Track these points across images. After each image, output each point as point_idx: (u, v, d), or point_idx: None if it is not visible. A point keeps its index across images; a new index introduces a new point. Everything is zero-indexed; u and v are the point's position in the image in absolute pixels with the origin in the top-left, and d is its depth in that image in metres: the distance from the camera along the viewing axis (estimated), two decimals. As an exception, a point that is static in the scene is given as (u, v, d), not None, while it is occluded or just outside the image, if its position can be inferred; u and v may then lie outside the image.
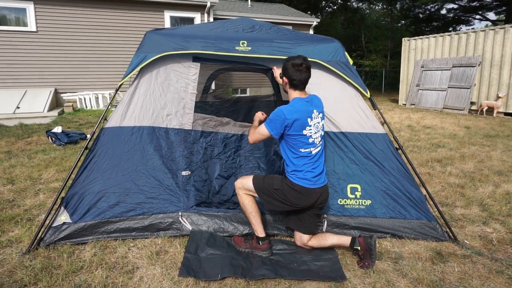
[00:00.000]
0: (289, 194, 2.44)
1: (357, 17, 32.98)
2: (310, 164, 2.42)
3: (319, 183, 2.45)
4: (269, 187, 2.49)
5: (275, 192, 2.47)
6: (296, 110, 2.33)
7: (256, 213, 2.54)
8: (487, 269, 2.39)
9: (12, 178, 4.16)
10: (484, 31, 10.89)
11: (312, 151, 2.42)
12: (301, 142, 2.38)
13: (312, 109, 2.40)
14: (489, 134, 7.31)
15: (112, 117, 2.86)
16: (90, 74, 11.10)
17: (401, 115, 10.33)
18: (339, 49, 2.99)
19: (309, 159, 2.41)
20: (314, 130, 2.40)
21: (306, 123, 2.36)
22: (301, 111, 2.35)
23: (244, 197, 2.54)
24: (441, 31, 24.40)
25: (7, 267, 2.34)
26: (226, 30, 3.07)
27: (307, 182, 2.41)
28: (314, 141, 2.41)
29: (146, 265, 2.39)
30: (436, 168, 4.79)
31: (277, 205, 2.50)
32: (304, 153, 2.39)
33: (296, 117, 2.31)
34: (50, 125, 7.74)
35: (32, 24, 10.26)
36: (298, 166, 2.42)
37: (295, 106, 2.36)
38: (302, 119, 2.34)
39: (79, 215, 2.66)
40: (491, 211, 3.35)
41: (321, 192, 2.46)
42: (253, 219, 2.54)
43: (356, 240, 2.45)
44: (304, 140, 2.37)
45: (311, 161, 2.42)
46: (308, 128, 2.37)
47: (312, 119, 2.39)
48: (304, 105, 2.38)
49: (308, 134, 2.38)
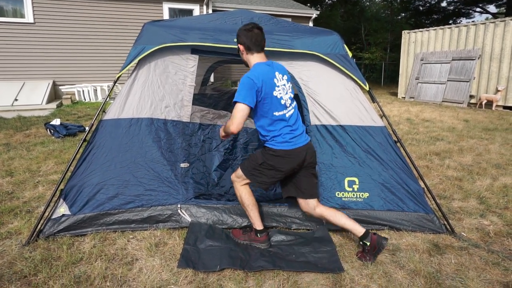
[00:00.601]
0: (275, 162, 2.40)
1: (357, 9, 32.75)
2: (287, 127, 2.38)
3: (300, 142, 2.41)
4: (255, 165, 2.46)
5: (261, 166, 2.43)
6: (260, 73, 2.27)
7: (253, 206, 2.54)
8: (484, 261, 2.41)
9: (11, 170, 4.16)
10: (484, 24, 10.85)
11: (286, 114, 2.37)
12: (274, 105, 2.32)
13: (274, 71, 2.36)
14: (488, 127, 7.32)
15: (110, 109, 2.86)
16: (88, 66, 11.03)
17: (400, 108, 10.33)
18: (338, 42, 2.98)
19: (285, 122, 2.37)
20: (282, 92, 2.36)
21: (274, 84, 2.32)
22: (265, 73, 2.30)
23: (241, 189, 2.53)
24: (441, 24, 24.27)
25: (7, 258, 2.36)
26: (225, 22, 3.05)
27: (287, 145, 2.37)
28: (285, 103, 2.37)
29: (145, 256, 2.41)
30: (434, 161, 4.81)
31: (270, 179, 2.45)
32: (279, 116, 2.34)
33: (263, 79, 2.26)
34: (49, 117, 7.72)
35: (29, 16, 10.17)
36: (275, 132, 2.37)
37: (257, 69, 2.30)
38: (269, 81, 2.29)
39: (78, 207, 2.67)
40: (488, 204, 3.37)
41: (306, 150, 2.43)
42: (250, 212, 2.55)
43: (369, 235, 2.40)
44: (276, 102, 2.32)
45: (288, 124, 2.38)
46: (277, 89, 2.33)
47: (278, 80, 2.35)
48: (266, 68, 2.33)
49: (279, 96, 2.33)
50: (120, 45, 11.18)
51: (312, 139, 2.91)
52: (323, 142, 2.91)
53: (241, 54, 2.45)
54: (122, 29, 11.19)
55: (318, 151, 2.90)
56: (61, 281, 2.12)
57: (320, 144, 2.90)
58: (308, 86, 2.94)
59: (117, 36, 11.18)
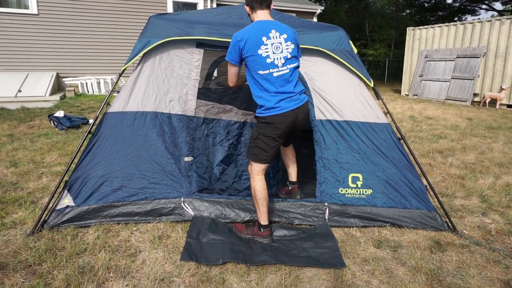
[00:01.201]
0: (267, 130, 2.42)
1: (362, 5, 32.54)
2: (272, 87, 2.37)
3: (289, 106, 2.40)
4: (253, 143, 2.51)
5: (258, 140, 2.47)
6: (247, 31, 2.33)
7: (264, 200, 2.53)
8: (485, 259, 2.42)
9: (15, 161, 4.18)
10: (490, 22, 10.77)
11: (274, 73, 2.35)
12: (258, 63, 2.33)
13: (270, 29, 2.35)
14: (491, 126, 7.30)
15: (115, 102, 2.87)
16: (92, 59, 11.03)
17: (404, 106, 10.30)
18: (344, 38, 2.97)
19: (270, 82, 2.36)
20: (271, 50, 2.34)
21: (261, 42, 2.31)
22: (254, 30, 2.33)
23: (256, 180, 2.52)
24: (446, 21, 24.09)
25: (11, 247, 2.38)
26: (230, 17, 3.05)
27: (274, 110, 2.38)
28: (274, 62, 2.34)
29: (148, 249, 2.43)
30: (437, 159, 4.80)
31: (271, 148, 2.47)
32: (263, 75, 2.35)
33: (247, 37, 2.29)
34: (52, 109, 7.74)
35: (33, 7, 10.15)
36: (263, 100, 2.39)
37: (247, 28, 2.37)
38: (254, 38, 2.30)
39: (82, 199, 2.69)
40: (490, 202, 3.37)
41: (296, 114, 2.43)
42: (260, 206, 2.54)
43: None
44: (260, 60, 2.32)
45: (272, 84, 2.37)
46: (263, 47, 2.32)
47: (268, 38, 2.33)
48: (260, 25, 2.36)
49: (264, 54, 2.32)
50: (123, 38, 11.17)
51: (317, 134, 2.92)
52: (328, 137, 2.91)
53: (249, 17, 2.54)
54: (125, 22, 11.16)
55: (322, 147, 2.91)
56: (65, 271, 2.14)
57: (325, 139, 2.91)
58: (313, 81, 2.94)
59: (120, 29, 11.16)
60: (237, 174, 3.22)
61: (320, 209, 2.84)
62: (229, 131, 3.22)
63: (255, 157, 2.51)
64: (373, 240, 2.64)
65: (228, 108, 3.20)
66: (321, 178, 2.89)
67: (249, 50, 2.31)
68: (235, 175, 3.21)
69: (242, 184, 3.21)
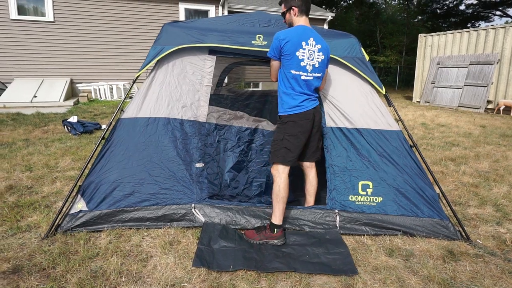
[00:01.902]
0: (293, 128, 2.60)
1: (373, 11, 32.49)
2: (298, 87, 2.57)
3: (309, 105, 2.62)
4: (278, 144, 2.63)
5: (284, 140, 2.61)
6: (291, 31, 2.51)
7: (285, 198, 2.61)
8: (500, 269, 2.38)
9: (30, 165, 4.27)
10: (504, 28, 10.64)
11: (302, 76, 2.55)
12: (293, 63, 2.52)
13: (309, 36, 2.54)
14: (506, 133, 7.18)
15: (128, 108, 2.91)
16: (105, 65, 11.23)
17: (415, 113, 10.21)
18: (356, 45, 2.98)
19: (298, 82, 2.56)
20: (307, 55, 2.53)
21: (300, 45, 2.49)
22: (297, 33, 2.50)
23: (281, 180, 2.61)
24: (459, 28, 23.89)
25: (26, 250, 2.43)
26: (243, 24, 3.08)
27: (297, 108, 2.59)
28: (305, 67, 2.54)
29: (159, 254, 2.45)
30: (450, 167, 4.74)
31: (296, 147, 2.62)
32: (295, 75, 2.54)
33: (290, 37, 2.47)
34: (66, 114, 7.89)
35: (49, 14, 10.41)
36: (290, 97, 2.58)
37: (292, 29, 2.55)
38: (296, 40, 2.48)
39: (95, 204, 2.72)
40: (505, 211, 3.31)
41: (314, 112, 2.66)
42: (281, 205, 2.60)
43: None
44: (296, 61, 2.51)
45: (299, 85, 2.56)
46: (301, 50, 2.50)
47: (307, 44, 2.52)
48: (302, 29, 2.54)
49: (301, 57, 2.51)
50: (136, 44, 11.36)
51: (327, 141, 2.92)
52: (338, 145, 2.91)
53: (289, 15, 2.65)
54: (138, 29, 11.36)
55: (332, 154, 2.91)
56: (78, 275, 2.17)
57: (335, 146, 2.91)
58: (324, 88, 2.95)
59: (133, 36, 11.35)
60: (248, 180, 3.23)
61: (330, 216, 2.82)
62: (240, 137, 3.24)
63: (282, 158, 2.62)
64: (385, 248, 2.61)
65: (239, 114, 3.23)
66: (331, 185, 2.88)
67: (288, 50, 2.49)
68: (245, 182, 3.22)
69: (253, 191, 3.22)
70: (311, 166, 2.90)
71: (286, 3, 2.63)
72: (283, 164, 2.62)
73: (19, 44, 10.25)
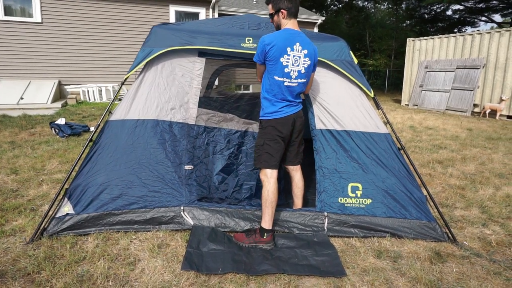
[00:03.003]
0: (272, 132, 2.59)
1: (362, 16, 32.87)
2: (280, 93, 2.54)
3: (289, 111, 2.60)
4: (261, 150, 2.63)
5: (265, 145, 2.61)
6: (276, 36, 2.45)
7: (275, 203, 2.60)
8: (485, 270, 2.41)
9: (16, 168, 4.19)
10: (489, 33, 10.86)
11: (285, 83, 2.51)
12: (276, 70, 2.47)
13: (296, 40, 2.48)
14: (491, 136, 7.31)
15: (117, 110, 2.89)
16: (93, 67, 11.11)
17: (404, 116, 10.33)
18: (345, 48, 3.00)
19: (280, 89, 2.53)
20: (291, 61, 2.47)
21: (285, 51, 2.44)
22: (283, 38, 2.44)
23: (270, 185, 2.60)
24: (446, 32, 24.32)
25: (10, 255, 2.38)
26: (232, 27, 3.08)
27: (277, 114, 2.57)
28: (289, 73, 2.49)
29: (147, 257, 2.42)
30: (437, 169, 4.81)
31: (277, 151, 2.62)
32: (278, 81, 2.50)
33: (275, 42, 2.41)
34: (54, 116, 7.77)
35: (37, 15, 10.27)
36: (270, 103, 2.57)
37: (278, 33, 2.49)
38: (281, 45, 2.42)
39: (82, 207, 2.69)
40: (491, 213, 3.37)
41: (295, 118, 2.64)
42: (270, 209, 2.59)
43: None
44: (279, 67, 2.46)
45: (281, 91, 2.53)
46: (286, 56, 2.45)
47: (292, 50, 2.46)
48: (289, 34, 2.48)
49: (284, 63, 2.46)
50: (125, 46, 11.27)
51: (317, 143, 2.94)
52: (328, 147, 2.92)
53: (277, 17, 2.59)
54: (128, 31, 11.27)
55: (322, 156, 2.92)
56: (64, 279, 2.13)
57: (325, 148, 2.92)
58: (314, 90, 2.97)
59: (123, 38, 11.26)
60: (238, 183, 3.22)
61: (319, 219, 2.83)
62: (229, 140, 3.24)
63: (265, 163, 2.62)
64: (373, 250, 2.63)
65: (229, 117, 3.22)
66: (320, 187, 2.89)
67: (272, 55, 2.44)
68: (235, 185, 3.21)
69: (243, 194, 3.21)
70: (295, 169, 2.90)
71: (274, 5, 2.55)
72: (267, 168, 2.62)
73: (5, 45, 10.08)
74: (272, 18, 2.64)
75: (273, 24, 2.67)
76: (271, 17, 2.65)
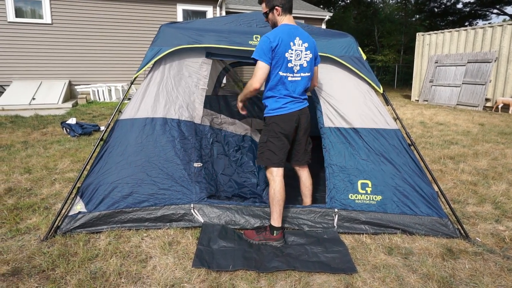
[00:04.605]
0: (276, 129, 2.55)
1: (370, 11, 32.53)
2: (284, 89, 2.52)
3: (294, 107, 2.56)
4: (264, 147, 2.61)
5: (268, 142, 2.59)
6: (278, 33, 2.42)
7: (282, 201, 2.59)
8: (499, 267, 2.38)
9: (29, 167, 4.26)
10: (501, 26, 10.66)
11: (289, 78, 2.50)
12: (282, 65, 2.45)
13: (295, 35, 2.47)
14: (504, 131, 7.19)
15: (126, 109, 2.91)
16: (103, 67, 11.22)
17: (414, 111, 10.22)
18: (353, 44, 2.98)
19: (284, 84, 2.50)
20: (294, 56, 2.46)
21: (289, 46, 2.43)
22: (284, 34, 2.42)
23: (276, 183, 2.59)
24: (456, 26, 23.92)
25: (26, 253, 2.43)
26: (240, 25, 3.08)
27: (281, 110, 2.54)
28: (292, 68, 2.48)
29: (159, 254, 2.45)
30: (448, 165, 4.75)
31: (280, 149, 2.59)
32: (282, 76, 2.48)
33: (280, 39, 2.39)
34: (65, 116, 7.88)
35: (47, 17, 10.40)
36: (274, 100, 2.54)
37: (277, 30, 2.46)
38: (285, 41, 2.40)
39: (94, 205, 2.72)
40: (504, 209, 3.32)
41: (299, 114, 2.60)
42: (278, 207, 2.58)
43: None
44: (284, 63, 2.44)
45: (285, 87, 2.51)
46: (290, 51, 2.44)
47: (294, 44, 2.45)
48: (287, 29, 2.46)
49: (289, 58, 2.45)
50: (134, 46, 11.35)
51: (326, 141, 2.93)
52: (336, 144, 2.91)
53: (272, 15, 2.57)
54: (136, 30, 11.35)
55: (331, 153, 2.91)
56: (78, 276, 2.17)
57: (334, 146, 2.91)
58: (321, 88, 2.95)
59: (131, 37, 11.34)
60: (241, 183, 3.24)
61: (329, 215, 2.83)
62: (230, 142, 3.26)
63: (268, 161, 2.60)
64: (384, 247, 2.62)
65: (231, 120, 3.24)
66: (330, 184, 2.88)
67: (279, 52, 2.41)
68: (237, 186, 3.23)
69: (247, 193, 3.23)
70: (302, 168, 2.88)
71: (268, 3, 2.53)
72: (271, 166, 2.61)
73: (17, 47, 10.24)
74: (266, 17, 2.61)
75: (268, 23, 2.65)
76: (265, 16, 2.62)
